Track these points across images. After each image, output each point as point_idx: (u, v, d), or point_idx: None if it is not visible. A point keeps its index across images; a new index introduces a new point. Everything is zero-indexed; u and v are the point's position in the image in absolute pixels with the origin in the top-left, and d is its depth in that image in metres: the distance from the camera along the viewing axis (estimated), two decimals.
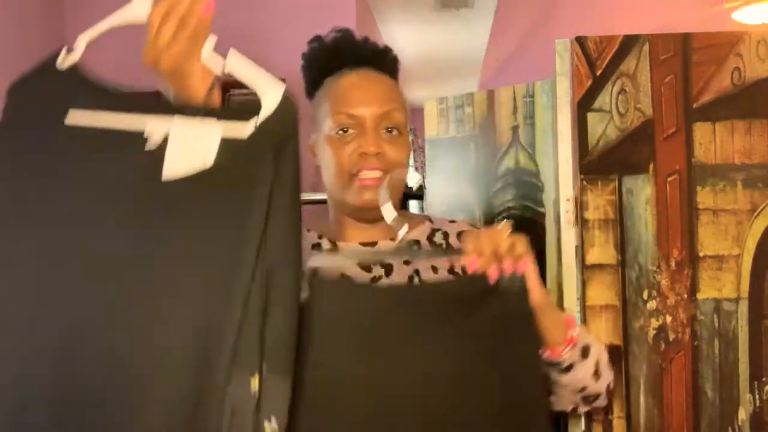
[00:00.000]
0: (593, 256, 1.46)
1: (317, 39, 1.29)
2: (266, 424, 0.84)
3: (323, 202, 1.94)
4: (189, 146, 0.86)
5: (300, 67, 1.30)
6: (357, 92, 1.20)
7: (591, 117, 1.47)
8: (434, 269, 1.23)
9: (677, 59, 1.46)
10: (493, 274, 1.03)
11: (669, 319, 1.45)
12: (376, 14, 4.87)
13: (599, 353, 1.22)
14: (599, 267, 1.46)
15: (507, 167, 1.68)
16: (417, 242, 1.27)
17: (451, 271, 1.20)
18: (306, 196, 2.03)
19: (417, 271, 1.22)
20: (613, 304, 1.45)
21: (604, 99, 1.47)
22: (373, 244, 1.24)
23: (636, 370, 1.43)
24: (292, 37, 3.32)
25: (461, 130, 1.79)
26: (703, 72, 1.46)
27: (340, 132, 1.19)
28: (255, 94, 0.87)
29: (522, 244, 1.06)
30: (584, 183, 1.46)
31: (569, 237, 1.48)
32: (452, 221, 1.34)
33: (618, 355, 1.45)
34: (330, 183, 1.23)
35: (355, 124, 1.19)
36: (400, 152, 1.20)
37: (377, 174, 1.18)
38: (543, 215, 1.62)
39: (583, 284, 1.46)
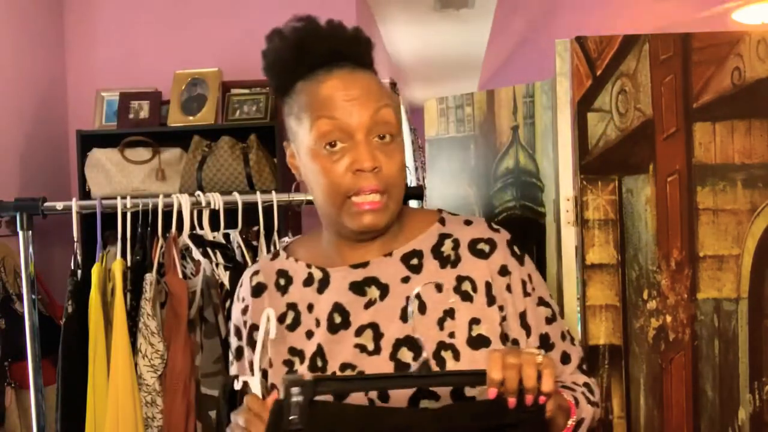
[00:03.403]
0: (593, 256, 1.46)
1: (277, 34, 1.12)
2: None
3: None
4: None
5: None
6: (339, 100, 1.05)
7: (591, 117, 1.47)
8: (438, 288, 1.08)
9: (677, 59, 1.46)
10: (512, 403, 0.92)
11: (669, 319, 1.44)
12: (376, 14, 4.87)
13: (591, 411, 1.12)
14: (599, 267, 1.46)
15: (507, 167, 1.68)
16: (419, 253, 1.11)
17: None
18: (305, 196, 2.02)
19: (418, 295, 1.07)
20: (613, 304, 1.45)
21: (604, 99, 1.47)
22: (365, 264, 1.11)
23: (636, 370, 1.43)
24: None
25: (461, 130, 1.78)
26: (703, 72, 1.46)
27: (328, 147, 1.05)
28: (253, 94, 0.89)
29: (550, 372, 0.93)
30: (584, 183, 1.46)
31: (569, 237, 1.48)
32: (468, 222, 1.15)
33: (618, 355, 1.45)
34: (322, 204, 1.09)
35: (344, 137, 1.05)
36: (395, 162, 1.07)
37: (376, 198, 1.05)
38: (543, 215, 1.62)
39: (583, 284, 1.46)
